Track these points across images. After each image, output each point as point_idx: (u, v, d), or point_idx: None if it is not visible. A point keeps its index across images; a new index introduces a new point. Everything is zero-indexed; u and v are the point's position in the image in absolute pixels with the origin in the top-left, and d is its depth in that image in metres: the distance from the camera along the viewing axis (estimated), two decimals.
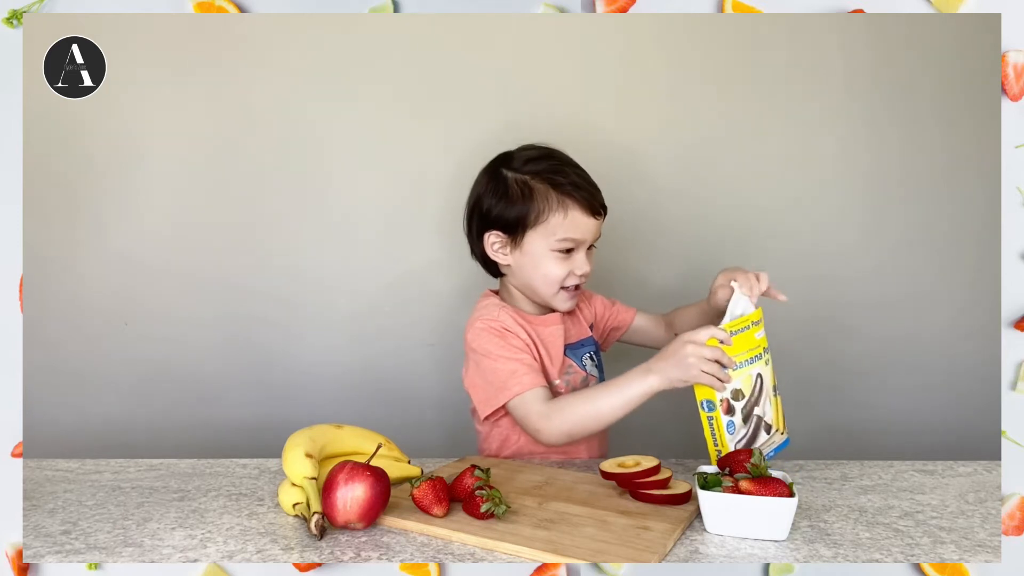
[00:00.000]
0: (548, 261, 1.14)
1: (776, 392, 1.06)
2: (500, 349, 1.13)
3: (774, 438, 1.03)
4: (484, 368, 1.14)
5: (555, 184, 1.13)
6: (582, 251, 1.15)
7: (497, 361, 1.12)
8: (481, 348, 1.14)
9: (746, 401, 1.00)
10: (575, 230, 1.13)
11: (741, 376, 1.00)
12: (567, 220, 1.12)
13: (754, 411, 1.01)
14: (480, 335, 1.15)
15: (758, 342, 1.02)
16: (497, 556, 0.78)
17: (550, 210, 1.12)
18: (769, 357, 1.05)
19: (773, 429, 1.03)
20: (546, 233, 1.13)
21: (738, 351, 0.99)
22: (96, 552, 0.80)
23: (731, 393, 0.99)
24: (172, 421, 1.57)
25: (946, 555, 0.80)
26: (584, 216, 1.13)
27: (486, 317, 1.16)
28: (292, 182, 1.55)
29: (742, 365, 1.00)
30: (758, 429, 1.01)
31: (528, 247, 1.15)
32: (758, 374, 1.02)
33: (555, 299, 1.17)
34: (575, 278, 1.16)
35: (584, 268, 1.15)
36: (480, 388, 1.15)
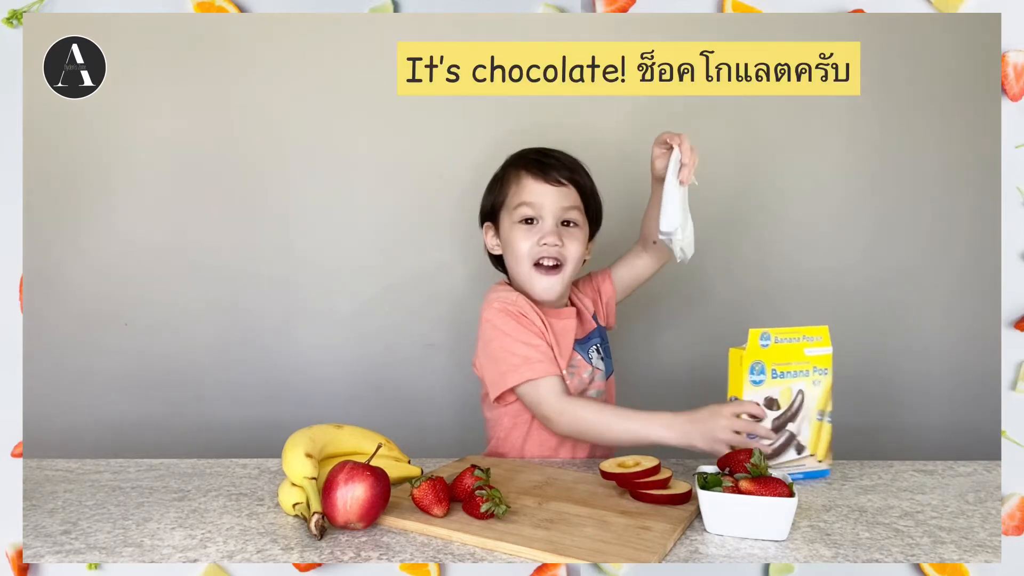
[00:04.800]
0: (515, 236, 1.17)
1: (825, 418, 1.03)
2: (515, 331, 1.13)
3: (806, 461, 1.02)
4: (495, 348, 1.14)
5: (513, 163, 1.20)
6: (548, 222, 1.15)
7: (512, 344, 1.12)
8: (496, 329, 1.14)
9: (781, 413, 1.00)
10: (527, 194, 1.16)
11: (779, 386, 0.99)
12: (519, 187, 1.17)
13: (787, 426, 1.00)
14: (497, 315, 1.15)
15: (807, 358, 1.01)
16: (497, 556, 0.78)
17: (508, 184, 1.19)
18: (824, 381, 1.03)
19: (807, 452, 1.02)
20: (509, 209, 1.18)
21: (777, 359, 0.99)
22: (96, 552, 0.80)
23: (764, 400, 0.99)
24: (172, 421, 1.57)
25: (946, 555, 0.80)
26: (535, 182, 1.16)
27: (504, 299, 1.16)
28: (292, 181, 1.55)
29: (781, 375, 0.99)
30: (787, 445, 1.01)
31: (503, 230, 1.20)
32: (800, 391, 1.01)
33: (531, 281, 1.16)
34: (541, 249, 1.15)
35: (550, 239, 1.14)
36: (491, 369, 1.15)
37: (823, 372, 1.03)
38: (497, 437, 1.20)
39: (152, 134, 1.53)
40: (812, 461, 1.02)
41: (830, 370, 1.03)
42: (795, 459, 1.01)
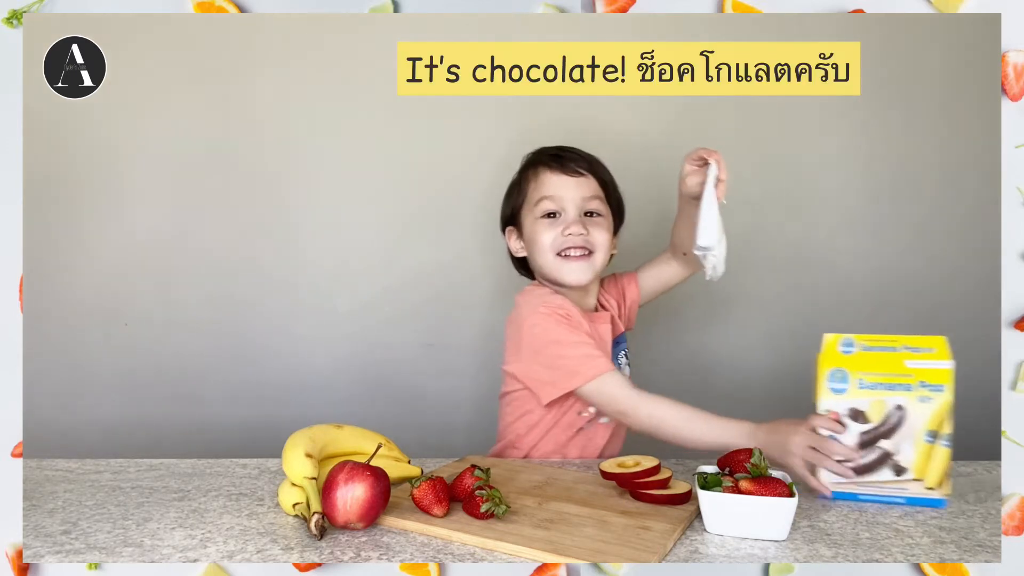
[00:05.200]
0: (539, 232, 1.17)
1: (939, 441, 0.92)
2: (569, 334, 1.12)
3: (909, 485, 0.93)
4: (550, 354, 1.13)
5: (530, 162, 1.21)
6: (571, 214, 1.16)
7: (567, 347, 1.12)
8: (547, 334, 1.13)
9: (871, 428, 0.93)
10: (547, 188, 1.16)
11: (867, 398, 0.93)
12: (538, 182, 1.18)
13: (880, 442, 0.93)
14: (545, 320, 1.13)
15: (910, 371, 0.92)
16: (497, 556, 0.78)
17: (527, 182, 1.19)
18: (937, 398, 0.92)
19: (909, 474, 0.93)
20: (530, 206, 1.18)
21: (865, 368, 0.93)
22: (96, 552, 0.80)
23: (848, 411, 0.94)
24: (172, 421, 1.57)
25: (946, 555, 0.80)
26: (553, 174, 1.17)
27: (549, 303, 1.15)
28: (292, 181, 1.55)
29: (871, 386, 0.93)
30: (880, 463, 0.93)
31: (526, 229, 1.20)
32: (898, 405, 0.92)
33: (561, 271, 1.16)
34: (565, 239, 1.15)
35: (574, 228, 1.15)
36: (544, 372, 1.13)
37: (936, 388, 0.92)
38: (517, 434, 1.20)
39: (152, 134, 1.53)
40: (917, 487, 0.93)
41: (948, 386, 0.92)
42: (892, 480, 0.93)
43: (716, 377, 1.61)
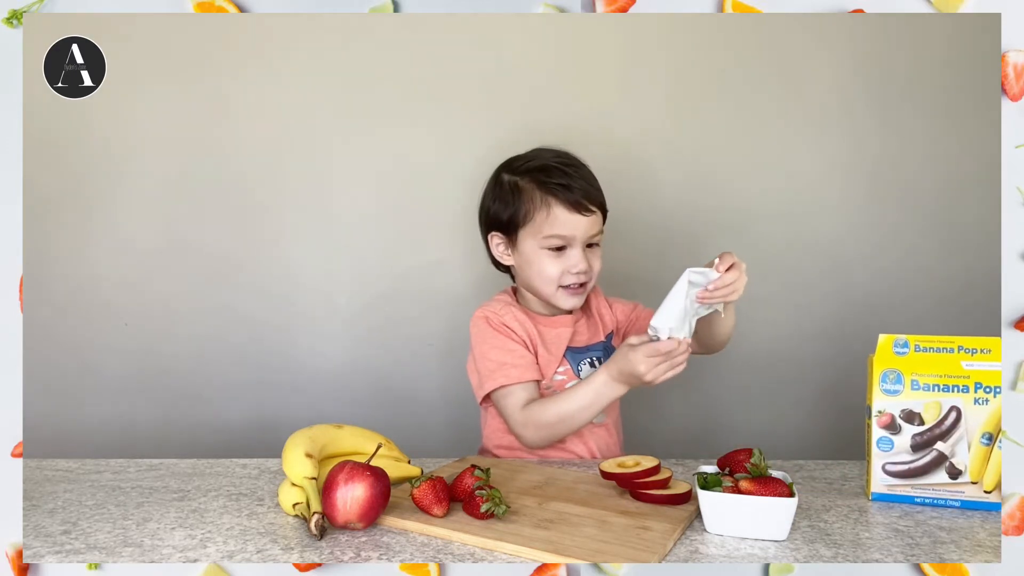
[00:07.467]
0: (541, 260, 1.16)
1: (993, 444, 0.92)
2: (493, 339, 1.17)
3: (965, 488, 0.92)
4: (476, 355, 1.18)
5: (540, 183, 1.15)
6: (577, 248, 1.15)
7: (489, 351, 1.16)
8: (476, 336, 1.19)
9: (925, 428, 0.92)
10: (559, 227, 1.14)
11: (922, 399, 0.92)
12: (550, 217, 1.14)
13: (936, 445, 0.92)
14: (477, 323, 1.19)
15: (966, 372, 0.92)
16: (497, 556, 0.78)
17: (535, 209, 1.15)
18: (993, 400, 0.91)
19: (965, 477, 0.92)
20: (534, 231, 1.15)
21: (919, 369, 0.93)
22: (96, 552, 0.80)
23: (900, 412, 0.93)
24: (172, 421, 1.57)
25: (946, 555, 0.80)
26: (567, 213, 1.14)
27: (489, 309, 1.20)
28: (293, 181, 1.55)
29: (925, 387, 0.93)
30: (936, 466, 0.92)
31: (522, 247, 1.17)
32: (953, 407, 0.92)
33: (556, 297, 1.18)
34: (572, 276, 1.16)
35: (580, 266, 1.15)
36: (474, 374, 1.20)
37: (990, 390, 0.91)
38: (488, 430, 1.22)
39: (152, 134, 1.53)
40: (974, 490, 0.92)
41: (1000, 387, 0.92)
42: (947, 483, 0.92)
43: (717, 377, 1.60)
